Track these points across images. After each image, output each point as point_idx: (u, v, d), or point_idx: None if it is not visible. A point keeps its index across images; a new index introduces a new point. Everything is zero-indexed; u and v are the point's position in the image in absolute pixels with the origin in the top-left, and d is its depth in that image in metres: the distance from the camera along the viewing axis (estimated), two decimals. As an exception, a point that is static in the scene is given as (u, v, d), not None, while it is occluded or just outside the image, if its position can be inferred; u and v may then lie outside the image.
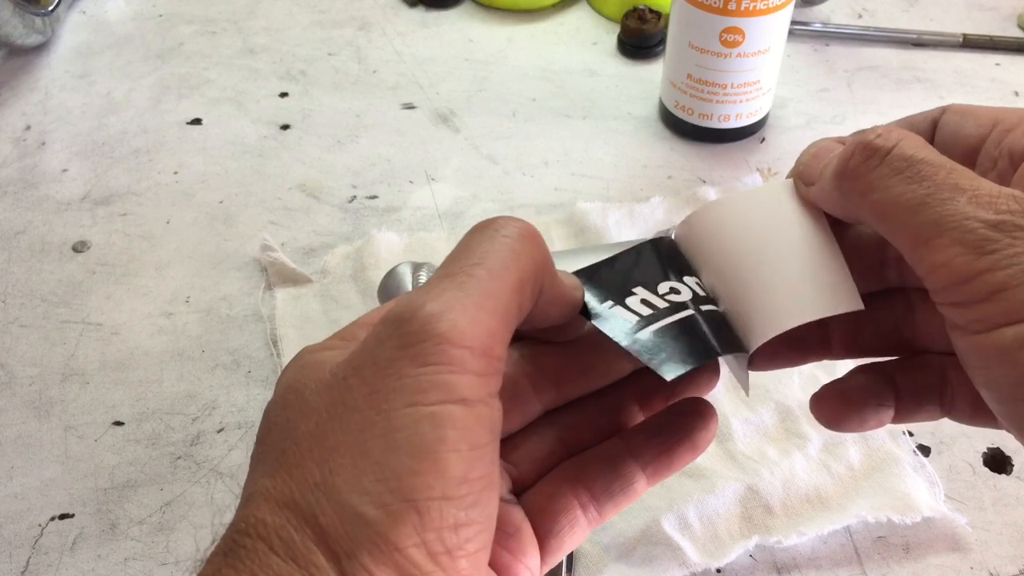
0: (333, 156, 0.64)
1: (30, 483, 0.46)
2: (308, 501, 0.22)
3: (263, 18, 0.76)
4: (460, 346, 0.23)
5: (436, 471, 0.22)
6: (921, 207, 0.24)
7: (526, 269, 0.25)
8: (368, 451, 0.22)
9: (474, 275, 0.24)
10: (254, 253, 0.57)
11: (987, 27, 0.74)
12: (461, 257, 0.25)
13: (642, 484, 0.31)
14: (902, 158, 0.25)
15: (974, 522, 0.44)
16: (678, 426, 0.31)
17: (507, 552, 0.29)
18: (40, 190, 0.62)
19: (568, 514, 0.30)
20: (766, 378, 0.49)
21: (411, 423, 0.22)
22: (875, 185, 0.25)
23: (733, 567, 0.43)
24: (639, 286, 0.30)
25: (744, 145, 0.64)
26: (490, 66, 0.71)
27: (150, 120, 0.67)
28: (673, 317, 0.29)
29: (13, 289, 0.56)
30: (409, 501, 0.22)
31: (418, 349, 0.23)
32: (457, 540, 0.23)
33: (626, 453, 0.31)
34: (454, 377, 0.23)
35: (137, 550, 0.44)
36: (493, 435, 0.24)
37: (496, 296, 0.24)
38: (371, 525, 0.22)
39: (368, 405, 0.23)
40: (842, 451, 0.46)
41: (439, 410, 0.23)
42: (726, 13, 0.56)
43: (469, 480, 0.23)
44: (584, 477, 0.30)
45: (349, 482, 0.22)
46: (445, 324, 0.23)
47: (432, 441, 0.22)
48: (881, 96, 0.68)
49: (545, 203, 0.60)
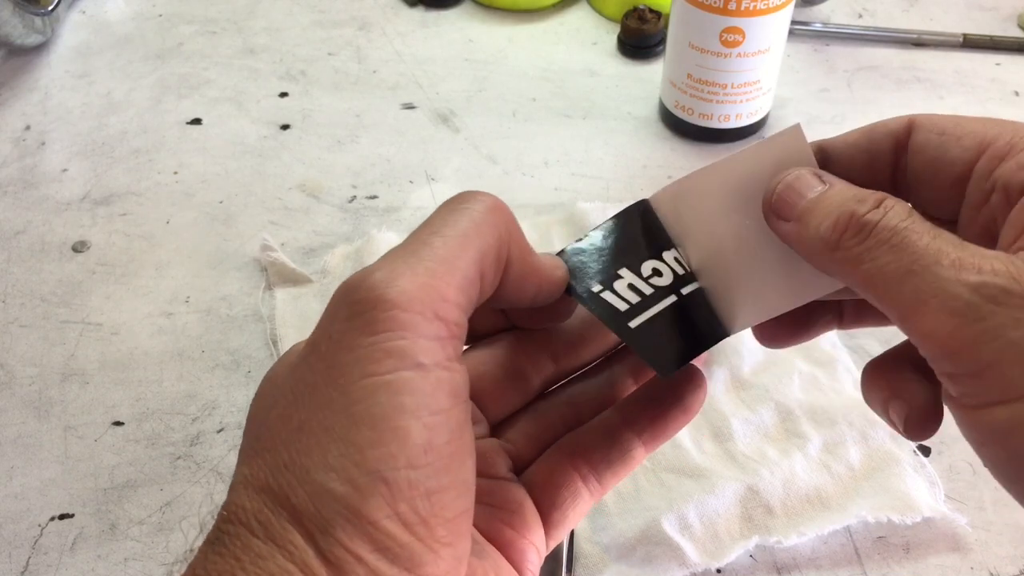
0: (333, 156, 0.64)
1: (30, 483, 0.46)
2: (280, 483, 0.23)
3: (263, 18, 0.76)
4: (410, 311, 0.23)
5: (398, 440, 0.22)
6: (907, 276, 0.24)
7: (487, 237, 0.25)
8: (331, 427, 0.22)
9: (428, 243, 0.24)
10: (254, 253, 0.57)
11: (987, 27, 0.74)
12: (419, 229, 0.25)
13: (640, 451, 0.31)
14: (888, 229, 0.25)
15: (974, 522, 0.44)
16: (669, 392, 0.31)
17: (510, 529, 0.29)
18: (40, 190, 0.62)
19: (569, 487, 0.30)
20: (766, 378, 0.49)
21: (368, 394, 0.22)
22: (863, 257, 0.25)
23: (733, 567, 0.43)
24: (624, 267, 0.30)
25: (744, 145, 0.64)
26: (490, 66, 0.71)
27: (150, 120, 0.67)
28: (660, 305, 0.29)
29: (13, 289, 0.55)
30: (375, 473, 0.22)
31: (368, 317, 0.23)
32: (431, 507, 0.23)
33: (621, 423, 0.31)
34: (406, 343, 0.23)
35: (137, 550, 0.44)
36: (455, 399, 0.24)
37: (450, 262, 0.24)
38: (340, 500, 0.22)
39: (326, 381, 0.23)
40: (842, 451, 0.46)
41: (394, 378, 0.22)
42: (726, 13, 0.56)
43: (434, 447, 0.23)
44: (582, 449, 0.31)
45: (316, 461, 0.22)
46: (394, 290, 0.23)
47: (390, 410, 0.22)
48: (881, 96, 0.68)
49: (545, 203, 0.60)
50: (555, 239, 0.57)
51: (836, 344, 0.51)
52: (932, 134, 0.28)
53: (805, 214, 0.27)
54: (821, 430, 0.47)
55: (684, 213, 0.32)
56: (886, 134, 0.29)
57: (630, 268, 0.30)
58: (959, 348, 0.23)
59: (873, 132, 0.29)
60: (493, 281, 0.26)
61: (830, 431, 0.47)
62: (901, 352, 0.29)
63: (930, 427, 0.28)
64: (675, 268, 0.31)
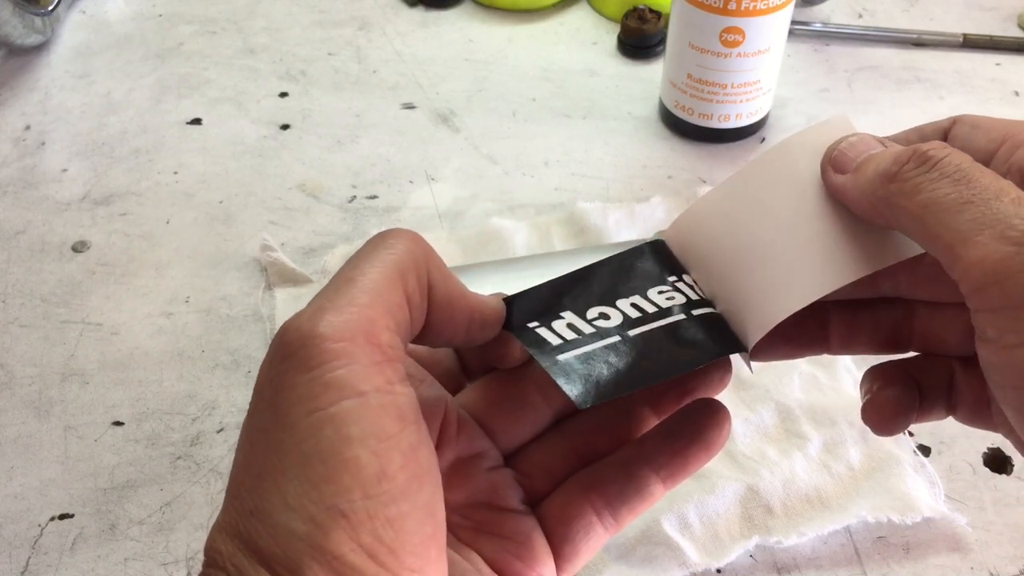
0: (333, 156, 0.64)
1: (30, 483, 0.46)
2: (247, 529, 0.23)
3: (263, 18, 0.76)
4: (341, 340, 0.23)
5: (349, 472, 0.22)
6: (966, 205, 0.24)
7: (403, 261, 0.25)
8: (284, 469, 0.23)
9: (349, 279, 0.25)
10: (254, 253, 0.57)
11: (987, 27, 0.74)
12: (340, 271, 0.26)
13: (658, 488, 0.31)
14: (953, 165, 0.25)
15: (974, 522, 0.44)
16: (691, 428, 0.31)
17: (519, 561, 0.29)
18: (40, 190, 0.62)
19: (582, 520, 0.30)
20: (766, 378, 0.49)
21: (315, 430, 0.23)
22: (922, 187, 0.25)
23: (733, 567, 0.43)
24: (568, 310, 0.30)
25: (744, 145, 0.64)
26: (490, 66, 0.71)
27: (150, 120, 0.67)
28: (595, 344, 0.29)
29: (13, 289, 0.55)
30: (332, 508, 0.22)
31: (302, 354, 0.23)
32: (394, 535, 0.23)
33: (640, 458, 0.31)
34: (342, 372, 0.23)
35: (137, 550, 0.44)
36: (403, 422, 0.24)
37: (370, 290, 0.24)
38: (304, 539, 0.22)
39: (274, 424, 0.23)
40: (842, 451, 0.46)
41: (337, 410, 0.23)
42: (726, 13, 0.56)
43: (388, 473, 0.23)
44: (598, 484, 0.30)
45: (276, 504, 0.22)
46: (322, 325, 0.23)
47: (337, 443, 0.22)
48: (881, 96, 0.68)
49: (545, 203, 0.60)
50: (555, 239, 0.57)
51: (836, 344, 0.51)
52: (967, 127, 0.28)
53: (864, 163, 0.27)
54: (821, 430, 0.47)
55: (689, 244, 0.32)
56: (935, 130, 0.29)
57: (574, 311, 0.30)
58: (1008, 275, 0.23)
59: (923, 128, 0.30)
60: (420, 305, 0.26)
61: (830, 431, 0.47)
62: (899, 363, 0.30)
63: (897, 421, 0.29)
64: (644, 307, 0.30)
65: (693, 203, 0.32)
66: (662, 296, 0.31)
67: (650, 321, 0.30)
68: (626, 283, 0.31)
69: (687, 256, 0.32)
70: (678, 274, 0.32)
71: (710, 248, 0.31)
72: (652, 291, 0.31)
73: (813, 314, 0.32)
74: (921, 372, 0.31)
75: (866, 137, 0.29)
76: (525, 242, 0.56)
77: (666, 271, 0.32)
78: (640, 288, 0.31)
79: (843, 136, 0.29)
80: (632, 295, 0.30)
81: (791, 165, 0.30)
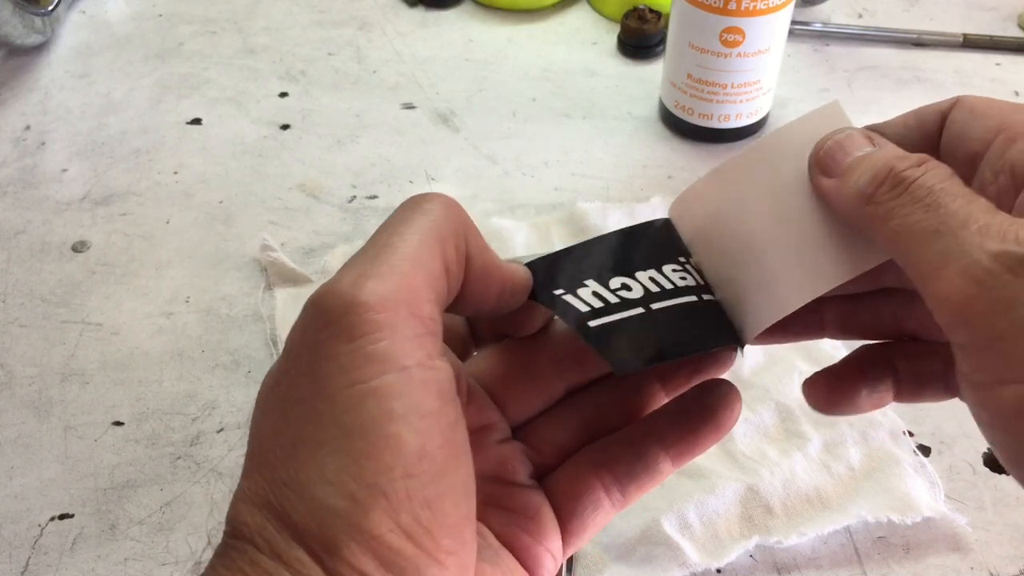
0: (333, 156, 0.64)
1: (30, 483, 0.46)
2: (280, 501, 0.22)
3: (263, 18, 0.76)
4: (384, 311, 0.22)
5: (391, 449, 0.22)
6: (934, 235, 0.23)
7: (442, 228, 0.25)
8: (323, 441, 0.22)
9: (389, 245, 0.24)
10: (254, 253, 0.57)
11: (987, 27, 0.74)
12: (377, 233, 0.25)
13: (667, 466, 0.30)
14: (924, 187, 0.24)
15: (974, 522, 0.44)
16: (702, 408, 0.31)
17: (527, 535, 0.29)
18: (40, 190, 0.62)
19: (590, 496, 0.30)
20: (766, 378, 0.49)
21: (356, 403, 0.22)
22: (895, 213, 0.24)
23: (733, 567, 0.43)
24: (590, 279, 0.30)
25: (744, 145, 0.64)
26: (490, 66, 0.71)
27: (150, 120, 0.67)
28: (623, 314, 0.29)
29: (13, 289, 0.55)
30: (373, 486, 0.22)
31: (344, 323, 0.22)
32: (432, 516, 0.22)
33: (649, 436, 0.30)
34: (386, 344, 0.22)
35: (137, 550, 0.44)
36: (443, 398, 0.23)
37: (412, 257, 0.24)
38: (342, 516, 0.22)
39: (312, 393, 0.23)
40: (842, 451, 0.46)
41: (379, 383, 0.22)
42: (726, 13, 0.56)
43: (428, 452, 0.22)
44: (607, 460, 0.30)
45: (312, 476, 0.22)
46: (365, 293, 0.22)
47: (380, 418, 0.22)
48: (881, 96, 0.68)
49: (545, 203, 0.60)
50: (555, 239, 0.57)
51: (836, 344, 0.51)
52: (965, 111, 0.27)
53: (849, 170, 0.27)
54: (821, 430, 0.47)
55: (690, 227, 0.32)
56: (934, 111, 0.29)
57: (598, 280, 0.30)
58: (972, 316, 0.22)
59: (922, 111, 0.29)
60: (458, 275, 0.25)
61: (830, 431, 0.47)
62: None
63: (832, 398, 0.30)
64: (661, 282, 0.30)
65: (689, 187, 0.32)
66: (676, 275, 0.31)
67: (669, 297, 0.30)
68: (641, 255, 0.31)
69: (688, 240, 0.32)
70: (686, 255, 0.32)
71: (708, 236, 0.31)
72: (666, 267, 0.31)
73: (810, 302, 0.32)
74: (914, 356, 0.31)
75: (854, 135, 0.28)
76: (525, 242, 0.56)
77: (675, 250, 0.32)
78: (655, 262, 0.31)
79: (832, 131, 0.29)
80: (648, 268, 0.30)
81: (786, 157, 0.30)
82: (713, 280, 0.31)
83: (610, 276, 0.30)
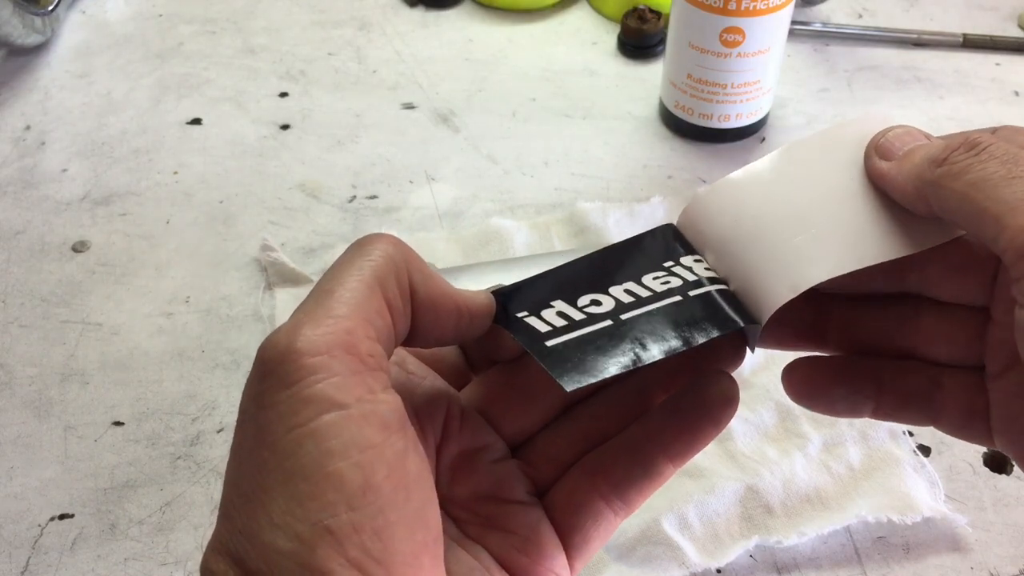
0: (333, 156, 0.64)
1: (30, 483, 0.46)
2: (237, 548, 0.23)
3: (263, 18, 0.76)
4: (319, 355, 0.23)
5: (333, 486, 0.22)
6: (1015, 180, 0.24)
7: (382, 268, 0.25)
8: (269, 488, 0.23)
9: (327, 290, 0.25)
10: (254, 253, 0.57)
11: (987, 27, 0.74)
12: (318, 282, 0.26)
13: (667, 468, 0.30)
14: (1002, 149, 0.26)
15: (974, 522, 0.44)
16: (697, 403, 0.30)
17: (523, 556, 0.29)
18: (40, 190, 0.62)
19: (589, 507, 0.30)
20: (766, 378, 0.49)
21: (296, 447, 0.23)
22: (972, 168, 0.25)
23: (733, 567, 0.43)
24: (558, 299, 0.30)
25: (744, 145, 0.64)
26: (490, 66, 0.71)
27: (150, 120, 0.67)
28: (588, 329, 0.29)
29: (13, 289, 0.56)
30: (317, 524, 0.22)
31: (281, 371, 0.23)
32: (383, 547, 0.23)
33: (645, 438, 0.30)
34: (322, 386, 0.23)
35: (137, 550, 0.44)
36: (387, 430, 0.24)
37: (348, 300, 0.24)
38: (290, 557, 0.22)
39: (257, 443, 0.23)
40: (842, 451, 0.46)
41: (317, 424, 0.23)
42: (726, 13, 0.56)
43: (373, 485, 0.23)
44: (604, 468, 0.30)
45: (262, 523, 0.22)
46: (300, 340, 0.23)
47: (319, 458, 0.22)
48: (881, 96, 0.68)
49: (545, 203, 0.60)
50: (555, 239, 0.57)
51: (836, 344, 0.51)
52: (1011, 132, 0.29)
53: (912, 151, 0.28)
54: (821, 430, 0.47)
55: (721, 211, 0.31)
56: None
57: (565, 300, 0.30)
58: None
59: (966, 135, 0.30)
60: (403, 310, 0.26)
61: (830, 431, 0.47)
62: None
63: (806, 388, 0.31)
64: (630, 295, 0.30)
65: (717, 182, 0.32)
66: (656, 281, 0.30)
67: (643, 305, 0.29)
68: (620, 271, 0.31)
69: (704, 232, 0.32)
70: (675, 258, 0.31)
71: (734, 224, 0.31)
72: (647, 277, 0.30)
73: (814, 305, 0.31)
74: (902, 373, 0.31)
75: (913, 130, 0.29)
76: (525, 242, 0.56)
77: (661, 257, 0.31)
78: (634, 275, 0.30)
79: (889, 127, 0.30)
80: (626, 282, 0.30)
81: (831, 151, 0.30)
82: (730, 269, 0.31)
83: (580, 295, 0.30)
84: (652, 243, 0.32)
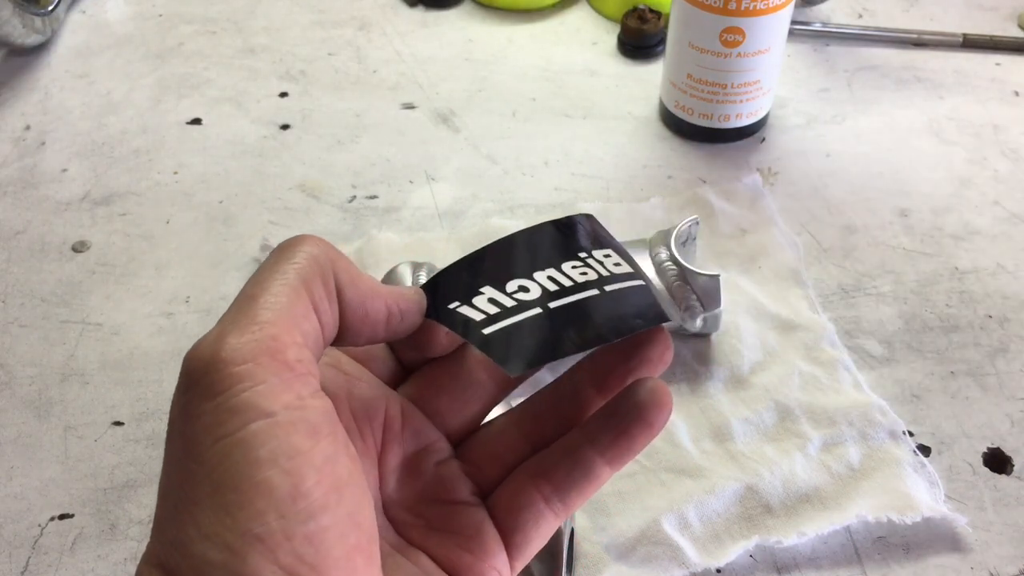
0: (333, 156, 0.64)
1: (30, 483, 0.46)
2: (169, 560, 0.23)
3: (263, 18, 0.76)
4: (243, 363, 0.23)
5: (262, 495, 0.22)
6: None
7: (306, 270, 0.25)
8: (198, 499, 0.22)
9: (250, 296, 0.24)
10: (254, 253, 0.57)
11: (987, 27, 0.74)
12: (243, 288, 0.25)
13: (604, 471, 0.30)
14: None
15: (974, 522, 0.44)
16: (630, 408, 0.30)
17: (468, 553, 0.29)
18: (40, 190, 0.62)
19: (531, 508, 0.30)
20: (766, 378, 0.49)
21: (223, 457, 0.22)
22: None
23: (733, 567, 0.43)
24: (487, 285, 0.30)
25: (744, 145, 0.64)
26: (490, 66, 0.71)
27: (150, 120, 0.67)
28: (521, 316, 0.29)
29: (13, 289, 0.56)
30: (246, 532, 0.22)
31: (205, 381, 0.23)
32: (315, 552, 0.23)
33: (584, 442, 0.31)
34: (248, 395, 0.23)
35: (137, 550, 0.44)
36: (316, 436, 0.24)
37: (272, 306, 0.24)
38: (221, 568, 0.22)
39: (185, 455, 0.23)
40: (842, 451, 0.46)
41: (243, 434, 0.22)
42: (726, 13, 0.56)
43: (303, 492, 0.23)
44: (545, 470, 0.30)
45: (192, 535, 0.22)
46: (224, 349, 0.23)
47: (247, 467, 0.22)
48: (881, 96, 0.68)
49: (545, 203, 0.60)
50: (555, 239, 0.57)
51: (836, 344, 0.51)
52: None
53: None
54: (821, 430, 0.47)
55: None
56: None
57: (494, 286, 0.30)
58: None
59: None
60: (331, 311, 0.26)
61: (830, 431, 0.47)
62: None
63: None
64: (560, 281, 0.30)
65: None
66: (575, 271, 0.31)
67: (568, 295, 0.30)
68: (541, 256, 0.31)
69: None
70: (588, 250, 0.32)
71: None
72: (565, 265, 0.31)
73: None
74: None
75: None
76: (525, 242, 0.56)
77: (576, 247, 0.32)
78: (554, 261, 0.31)
79: None
80: (547, 268, 0.31)
81: None
82: None
83: (507, 279, 0.30)
84: (566, 230, 0.32)
